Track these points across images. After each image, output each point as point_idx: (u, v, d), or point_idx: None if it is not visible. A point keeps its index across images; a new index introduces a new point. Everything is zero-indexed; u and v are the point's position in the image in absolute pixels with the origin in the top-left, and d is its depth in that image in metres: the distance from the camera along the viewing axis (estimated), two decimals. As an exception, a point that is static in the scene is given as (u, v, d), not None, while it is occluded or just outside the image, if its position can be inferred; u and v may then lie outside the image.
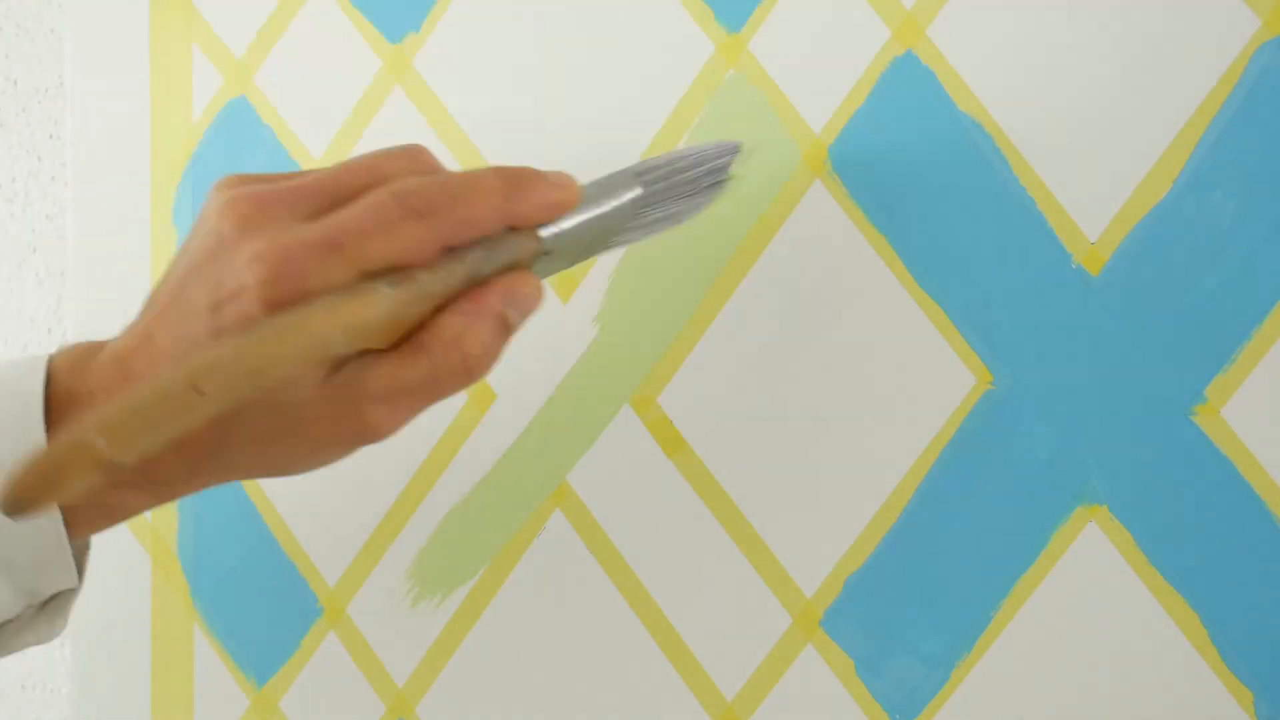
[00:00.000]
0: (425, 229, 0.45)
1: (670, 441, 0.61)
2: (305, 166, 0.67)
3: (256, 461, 0.48)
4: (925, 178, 0.57)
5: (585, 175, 0.62)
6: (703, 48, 0.60)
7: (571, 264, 0.52)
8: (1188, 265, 0.54)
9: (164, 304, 0.47)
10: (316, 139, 0.67)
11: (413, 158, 0.48)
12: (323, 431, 0.46)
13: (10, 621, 0.51)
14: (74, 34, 0.73)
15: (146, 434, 0.42)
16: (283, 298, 0.43)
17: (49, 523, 0.48)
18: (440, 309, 0.46)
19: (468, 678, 0.64)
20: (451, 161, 0.64)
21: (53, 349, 0.52)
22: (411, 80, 0.65)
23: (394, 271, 0.45)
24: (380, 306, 0.44)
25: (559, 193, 0.48)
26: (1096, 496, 0.55)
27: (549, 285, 0.62)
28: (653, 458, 0.61)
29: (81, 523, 0.49)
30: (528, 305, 0.47)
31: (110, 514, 0.49)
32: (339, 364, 0.46)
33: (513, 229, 0.47)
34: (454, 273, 0.46)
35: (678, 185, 0.53)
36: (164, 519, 0.69)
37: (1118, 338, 0.54)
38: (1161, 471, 0.54)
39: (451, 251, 0.46)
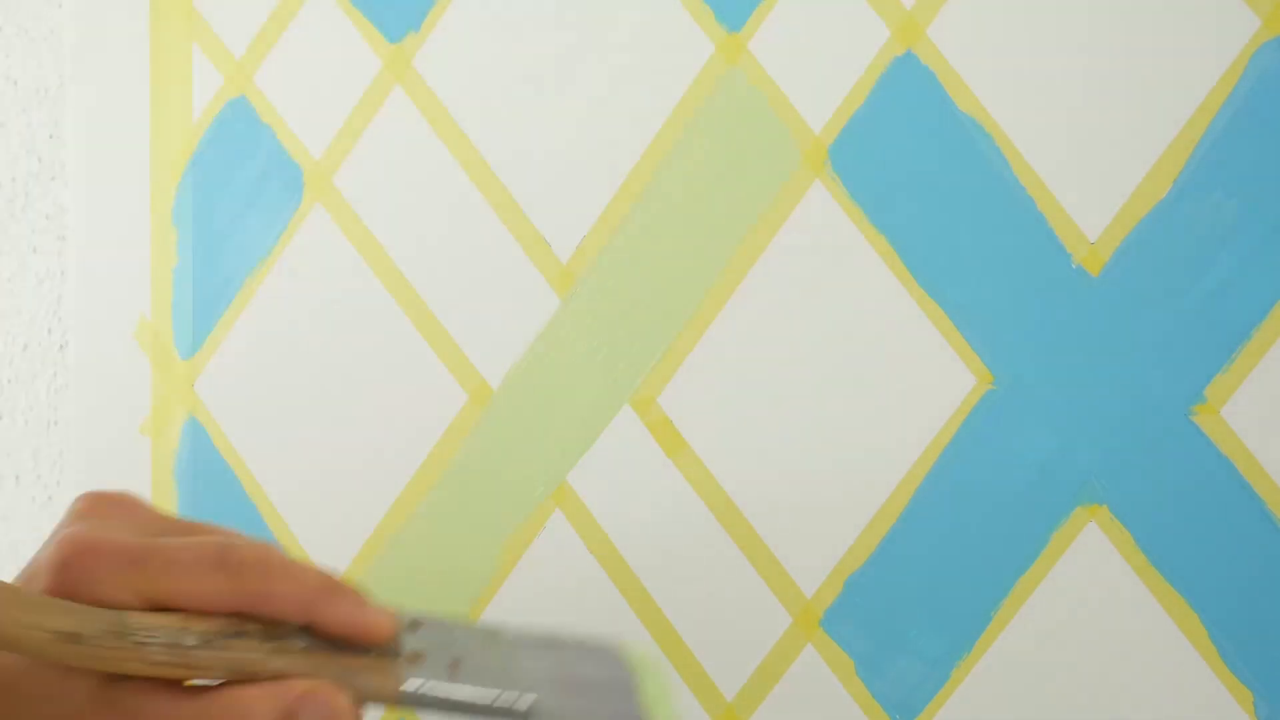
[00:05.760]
0: (225, 583, 0.46)
1: (670, 441, 0.61)
2: (305, 166, 0.67)
3: None
4: (925, 178, 0.57)
5: (585, 174, 0.62)
6: (703, 47, 0.60)
7: None
8: (1188, 265, 0.54)
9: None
10: (316, 139, 0.67)
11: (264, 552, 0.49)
12: None
13: None
14: (74, 34, 0.73)
15: None
16: (65, 586, 0.45)
17: None
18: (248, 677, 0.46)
19: (468, 678, 0.64)
20: (451, 161, 0.64)
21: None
22: (411, 80, 0.65)
23: (174, 611, 0.46)
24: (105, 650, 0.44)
25: (369, 616, 0.48)
26: (1096, 496, 0.55)
27: (548, 284, 0.62)
28: (653, 458, 0.61)
29: None
30: (322, 713, 0.46)
31: None
32: (118, 677, 0.46)
33: (373, 662, 0.46)
34: (234, 645, 0.46)
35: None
36: (164, 519, 0.69)
37: (1118, 338, 0.54)
38: (1161, 471, 0.54)
39: (251, 622, 0.46)
